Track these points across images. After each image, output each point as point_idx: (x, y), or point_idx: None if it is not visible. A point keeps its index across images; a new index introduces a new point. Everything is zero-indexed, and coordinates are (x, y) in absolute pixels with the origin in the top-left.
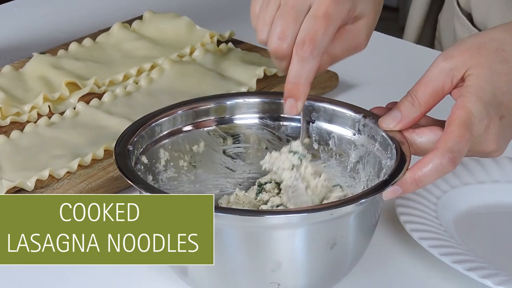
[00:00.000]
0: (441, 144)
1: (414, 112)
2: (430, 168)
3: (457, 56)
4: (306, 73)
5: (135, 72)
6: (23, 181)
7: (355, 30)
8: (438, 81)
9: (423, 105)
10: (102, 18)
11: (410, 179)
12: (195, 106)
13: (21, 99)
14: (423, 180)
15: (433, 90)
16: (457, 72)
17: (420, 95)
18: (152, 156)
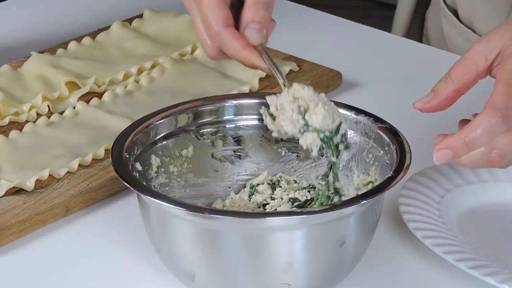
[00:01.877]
0: (488, 104)
1: (447, 88)
2: (481, 129)
3: (491, 35)
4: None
5: (135, 71)
6: (23, 181)
7: None
8: (472, 58)
9: (455, 81)
10: (101, 17)
11: (460, 141)
12: (184, 110)
13: (20, 99)
14: (474, 142)
15: (465, 67)
16: (491, 48)
17: (453, 73)
18: (144, 162)
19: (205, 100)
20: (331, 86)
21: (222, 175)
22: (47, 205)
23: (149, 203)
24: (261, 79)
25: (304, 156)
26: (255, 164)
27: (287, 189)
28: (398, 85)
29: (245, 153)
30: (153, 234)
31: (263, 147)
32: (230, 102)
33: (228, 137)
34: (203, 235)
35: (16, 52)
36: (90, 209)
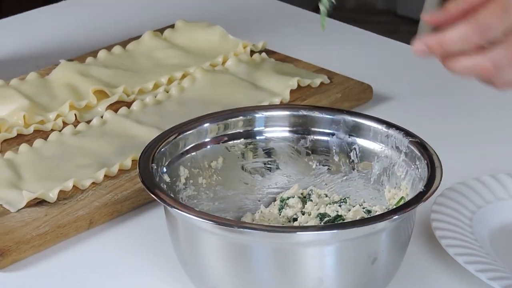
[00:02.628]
0: (472, 16)
1: (457, 7)
2: (455, 33)
3: None
4: None
5: (165, 80)
6: (45, 192)
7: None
8: None
9: (466, 2)
10: (133, 27)
11: (435, 37)
12: (213, 120)
13: (46, 107)
14: (446, 42)
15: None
16: None
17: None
18: (172, 173)
19: (235, 111)
20: (362, 99)
21: (252, 187)
22: (70, 217)
23: (177, 216)
24: (292, 90)
25: (336, 169)
26: (285, 177)
27: (318, 203)
28: (428, 99)
29: (275, 165)
30: (179, 248)
31: (294, 160)
32: (261, 114)
33: (259, 149)
34: (232, 249)
35: (45, 60)
36: (114, 222)
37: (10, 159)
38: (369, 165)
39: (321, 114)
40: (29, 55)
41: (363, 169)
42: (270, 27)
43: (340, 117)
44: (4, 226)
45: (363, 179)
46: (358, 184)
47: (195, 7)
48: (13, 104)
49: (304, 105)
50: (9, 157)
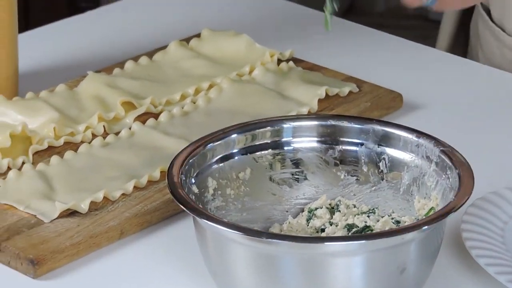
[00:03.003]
0: None
1: None
2: None
3: None
4: None
5: (192, 91)
6: (77, 203)
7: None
8: None
9: None
10: (159, 37)
11: None
12: (241, 131)
13: (75, 119)
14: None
15: None
16: None
17: None
18: (201, 185)
19: (263, 121)
20: (391, 108)
21: (280, 198)
22: (102, 227)
23: (205, 226)
24: (320, 100)
25: (364, 179)
26: (313, 187)
27: (346, 214)
28: (459, 107)
29: (303, 176)
30: (209, 258)
31: (322, 170)
32: (289, 124)
33: (287, 159)
34: (260, 260)
35: (73, 71)
36: (144, 232)
37: (42, 170)
38: (399, 175)
39: (349, 123)
40: (57, 66)
41: (392, 179)
42: (297, 35)
43: (369, 126)
44: (38, 236)
45: (392, 190)
46: (387, 194)
47: (221, 16)
48: (43, 116)
49: (333, 114)
50: (41, 169)
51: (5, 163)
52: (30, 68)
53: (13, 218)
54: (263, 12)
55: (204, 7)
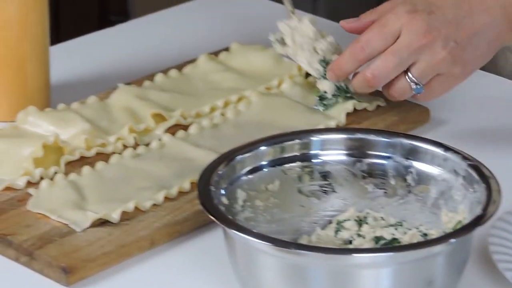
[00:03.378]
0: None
1: (369, 17)
2: (345, 55)
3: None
4: None
5: (222, 104)
6: (108, 213)
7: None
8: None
9: (377, 13)
10: (188, 50)
11: (334, 63)
12: (270, 144)
13: (107, 130)
14: (340, 66)
15: (390, 4)
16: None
17: (379, 7)
18: (230, 196)
19: (291, 134)
20: (418, 122)
21: (308, 210)
22: (132, 237)
23: (235, 237)
24: (348, 113)
25: (392, 192)
26: (341, 200)
27: (374, 226)
28: (486, 122)
29: (331, 188)
30: (238, 269)
31: (350, 183)
32: (317, 137)
33: (315, 172)
34: (289, 270)
35: (103, 83)
36: (175, 242)
37: (74, 180)
38: (426, 188)
39: (377, 137)
40: (88, 78)
41: (420, 193)
42: None
43: (397, 140)
44: (70, 245)
45: (419, 203)
46: (414, 207)
47: (250, 30)
48: (75, 127)
49: (360, 128)
50: (73, 179)
51: (38, 173)
52: (61, 80)
53: (45, 227)
54: None
55: (233, 22)
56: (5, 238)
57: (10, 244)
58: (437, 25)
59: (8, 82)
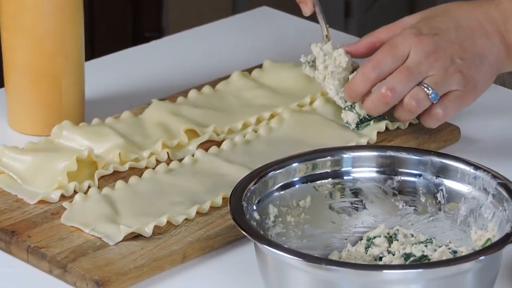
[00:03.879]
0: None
1: (367, 39)
2: (357, 75)
3: (419, 14)
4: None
5: (254, 120)
6: (141, 227)
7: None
8: (396, 25)
9: (375, 36)
10: (222, 66)
11: (346, 88)
12: (302, 160)
13: (140, 145)
14: (353, 87)
15: (387, 29)
16: (411, 21)
17: (377, 31)
18: (262, 211)
19: (323, 151)
20: (449, 140)
21: (339, 226)
22: (165, 251)
23: (266, 252)
24: (379, 132)
25: (422, 210)
26: (372, 216)
27: (404, 243)
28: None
29: (362, 205)
30: (269, 283)
31: (380, 200)
32: (349, 154)
33: (346, 189)
34: (319, 286)
35: (138, 99)
36: (206, 257)
37: (107, 194)
38: (456, 206)
39: (408, 155)
40: (122, 94)
41: (449, 210)
42: None
43: (427, 158)
44: (103, 258)
45: (449, 220)
46: (444, 224)
47: (282, 47)
48: (109, 142)
49: (392, 146)
50: (106, 193)
51: (72, 186)
52: (96, 95)
53: (79, 240)
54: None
55: (266, 39)
56: (39, 251)
57: (44, 256)
58: (443, 45)
59: (43, 97)
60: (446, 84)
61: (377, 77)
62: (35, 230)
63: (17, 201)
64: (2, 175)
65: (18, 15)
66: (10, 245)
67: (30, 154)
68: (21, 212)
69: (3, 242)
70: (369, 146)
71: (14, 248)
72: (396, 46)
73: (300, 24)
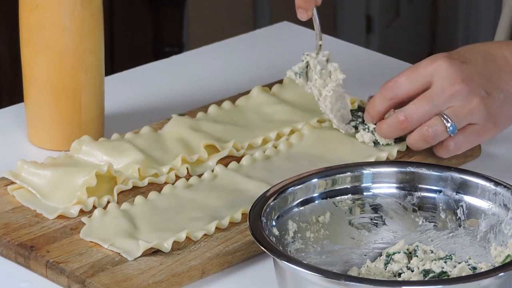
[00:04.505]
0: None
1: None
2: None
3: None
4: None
5: (274, 136)
6: (160, 242)
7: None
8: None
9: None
10: (242, 82)
11: (367, 106)
12: (321, 176)
13: (160, 161)
14: (373, 105)
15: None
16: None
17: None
18: (281, 227)
19: (343, 167)
20: (469, 156)
21: (358, 242)
22: (184, 267)
23: (285, 268)
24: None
25: (442, 226)
26: (391, 232)
27: (423, 259)
28: None
29: (382, 221)
30: None
31: (400, 216)
32: (369, 170)
33: (366, 204)
34: None
35: (157, 114)
36: (225, 272)
37: (127, 210)
38: (476, 222)
39: (428, 171)
40: (141, 109)
41: (469, 226)
42: (377, 82)
43: (447, 174)
44: (122, 273)
45: (469, 236)
46: (464, 241)
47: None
48: (128, 157)
49: (412, 161)
50: (126, 208)
51: (91, 202)
52: (115, 110)
53: (98, 255)
54: (343, 59)
55: (286, 54)
56: (58, 266)
57: (63, 271)
58: (469, 74)
59: (62, 112)
60: (467, 117)
61: (392, 96)
62: (54, 245)
63: (36, 216)
64: (21, 190)
65: (38, 31)
66: (29, 260)
67: (50, 169)
68: (40, 227)
69: (22, 257)
70: (389, 162)
71: (33, 263)
72: (417, 70)
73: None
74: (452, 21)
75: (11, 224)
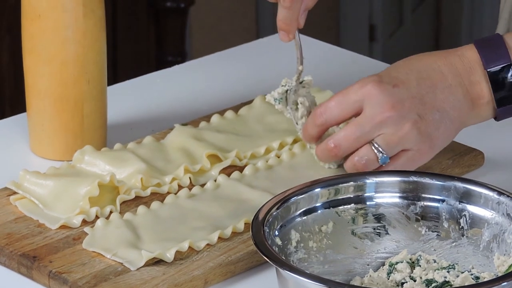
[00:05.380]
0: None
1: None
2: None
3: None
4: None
5: (277, 145)
6: (163, 252)
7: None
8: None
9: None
10: (244, 92)
11: (302, 130)
12: (324, 186)
13: (162, 170)
14: (305, 129)
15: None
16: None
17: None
18: (284, 237)
19: (346, 176)
20: (472, 165)
21: (361, 252)
22: (186, 276)
23: (288, 277)
24: None
25: (445, 235)
26: (394, 242)
27: (426, 269)
28: None
29: (385, 230)
30: None
31: (403, 225)
32: (371, 179)
33: (369, 214)
34: None
35: (160, 124)
36: (228, 282)
37: (129, 220)
38: (479, 231)
39: (431, 180)
40: (144, 119)
41: (472, 236)
42: None
43: (450, 183)
44: (125, 283)
45: (472, 246)
46: (467, 250)
47: (306, 72)
48: (131, 167)
49: (415, 171)
50: (128, 218)
51: (94, 211)
52: (118, 119)
53: (100, 265)
54: (346, 69)
55: (288, 63)
56: (60, 276)
57: (65, 282)
58: (401, 98)
59: (65, 121)
60: (399, 144)
61: (321, 123)
62: (56, 255)
63: (39, 226)
64: (24, 200)
65: (40, 41)
66: (31, 270)
67: (52, 179)
68: (42, 237)
69: (24, 267)
70: (392, 172)
71: (36, 273)
72: (347, 95)
73: (324, 48)
74: (455, 30)
75: (13, 234)
